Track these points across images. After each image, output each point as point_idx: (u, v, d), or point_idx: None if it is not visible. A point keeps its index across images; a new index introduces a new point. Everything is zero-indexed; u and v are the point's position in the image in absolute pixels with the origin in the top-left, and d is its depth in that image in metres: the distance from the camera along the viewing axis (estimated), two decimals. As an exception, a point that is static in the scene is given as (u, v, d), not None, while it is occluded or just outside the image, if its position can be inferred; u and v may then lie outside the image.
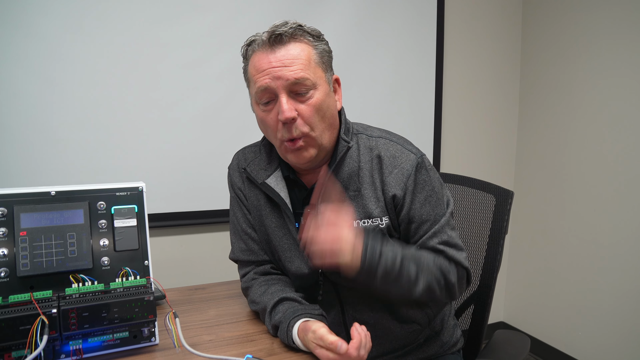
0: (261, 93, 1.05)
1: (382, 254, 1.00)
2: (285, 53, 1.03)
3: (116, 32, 1.85)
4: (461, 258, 1.11)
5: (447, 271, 1.08)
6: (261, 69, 1.04)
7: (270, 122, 1.07)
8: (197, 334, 1.09)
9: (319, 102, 1.05)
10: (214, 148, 2.04)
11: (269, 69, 1.03)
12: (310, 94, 1.04)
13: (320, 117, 1.06)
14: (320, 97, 1.05)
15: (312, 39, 1.07)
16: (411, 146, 1.15)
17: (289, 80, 1.02)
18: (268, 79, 1.03)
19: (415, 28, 2.40)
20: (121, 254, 0.99)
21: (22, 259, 0.90)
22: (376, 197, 1.10)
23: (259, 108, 1.09)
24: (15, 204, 0.92)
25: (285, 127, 1.04)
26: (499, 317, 2.91)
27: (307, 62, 1.04)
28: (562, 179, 2.50)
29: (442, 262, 1.08)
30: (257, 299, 1.15)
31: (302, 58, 1.03)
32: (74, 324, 0.89)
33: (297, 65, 1.02)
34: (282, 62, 1.02)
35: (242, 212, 1.23)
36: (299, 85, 1.03)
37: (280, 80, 1.02)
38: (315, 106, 1.04)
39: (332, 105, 1.10)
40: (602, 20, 2.26)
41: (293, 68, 1.02)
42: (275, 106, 1.05)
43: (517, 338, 1.31)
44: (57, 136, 1.81)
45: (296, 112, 1.03)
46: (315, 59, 1.06)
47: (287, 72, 1.02)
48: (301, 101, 1.04)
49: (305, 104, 1.04)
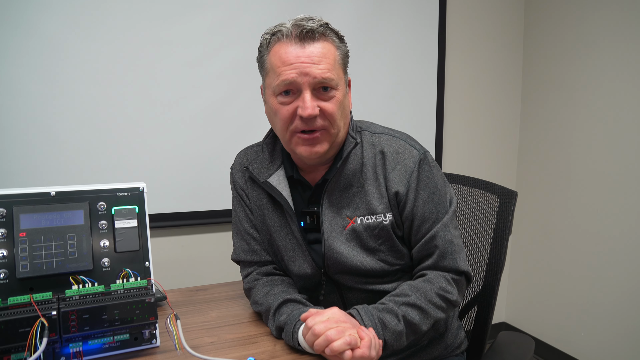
0: (284, 86, 1.04)
1: (385, 323, 0.99)
2: (314, 50, 1.03)
3: (117, 31, 1.84)
4: (460, 262, 1.11)
5: (447, 292, 1.08)
6: (288, 61, 1.03)
7: (285, 114, 1.06)
8: (198, 335, 1.08)
9: (339, 101, 1.06)
10: (216, 147, 2.03)
11: (296, 63, 1.02)
12: (332, 93, 1.05)
13: (339, 115, 1.07)
14: (340, 97, 1.06)
15: (338, 40, 1.09)
16: (414, 142, 1.14)
17: (316, 79, 1.02)
18: (295, 73, 1.02)
19: (417, 27, 2.39)
20: (122, 255, 0.98)
21: (21, 260, 0.89)
22: (379, 194, 1.09)
23: (276, 99, 1.07)
24: (15, 205, 0.91)
25: (305, 121, 1.04)
26: (501, 317, 2.90)
27: (333, 62, 1.05)
28: (564, 178, 2.48)
29: (441, 282, 1.08)
30: (260, 300, 1.13)
31: (329, 57, 1.04)
32: (74, 326, 0.88)
33: (325, 65, 1.03)
34: (311, 59, 1.02)
35: (244, 213, 1.22)
36: (324, 84, 1.03)
37: (307, 76, 1.02)
38: (337, 105, 1.05)
39: (347, 105, 1.11)
40: (605, 19, 2.25)
41: (321, 67, 1.02)
42: (294, 100, 1.04)
43: (521, 340, 1.30)
44: (57, 135, 1.80)
45: (318, 109, 1.03)
46: (338, 60, 1.07)
47: (315, 70, 1.02)
48: (323, 99, 1.04)
49: (329, 102, 1.05)
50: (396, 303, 1.03)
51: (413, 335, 1.04)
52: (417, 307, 1.03)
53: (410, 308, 1.03)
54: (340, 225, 1.11)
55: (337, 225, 1.11)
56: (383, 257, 1.12)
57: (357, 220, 1.10)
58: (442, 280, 1.08)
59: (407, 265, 1.16)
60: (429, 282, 1.08)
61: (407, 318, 1.02)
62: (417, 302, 1.04)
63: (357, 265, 1.10)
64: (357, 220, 1.10)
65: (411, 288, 1.06)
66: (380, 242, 1.11)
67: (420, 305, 1.04)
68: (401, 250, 1.13)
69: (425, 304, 1.04)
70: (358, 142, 1.11)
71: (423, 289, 1.06)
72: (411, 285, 1.08)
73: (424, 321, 1.04)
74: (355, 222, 1.10)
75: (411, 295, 1.04)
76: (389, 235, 1.10)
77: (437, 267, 1.11)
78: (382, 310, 1.01)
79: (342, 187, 1.11)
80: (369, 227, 1.10)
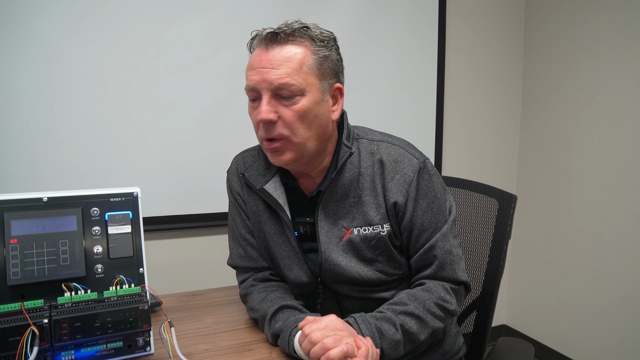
0: (248, 91, 1.04)
1: (382, 332, 0.98)
2: (276, 54, 1.00)
3: (113, 34, 1.83)
4: (459, 272, 1.09)
5: (446, 301, 1.06)
6: (252, 66, 1.03)
7: (254, 121, 1.06)
8: (193, 342, 1.06)
9: (303, 108, 1.01)
10: (212, 150, 2.02)
11: (258, 68, 1.01)
12: (295, 100, 1.00)
13: (305, 124, 1.02)
14: (305, 104, 1.01)
15: (314, 43, 1.02)
16: (414, 150, 1.12)
17: (272, 84, 0.99)
18: (255, 78, 1.01)
19: (416, 29, 2.38)
20: (115, 261, 0.96)
21: (12, 268, 0.87)
22: (377, 204, 1.07)
23: (249, 105, 1.07)
24: (6, 211, 0.89)
25: (264, 127, 1.02)
26: (501, 320, 2.88)
27: (297, 67, 0.99)
28: (564, 181, 2.47)
29: (440, 292, 1.07)
30: (256, 306, 1.12)
31: (292, 61, 1.00)
32: (66, 335, 0.86)
33: (284, 69, 0.99)
34: (271, 64, 0.99)
35: (240, 218, 1.21)
36: (282, 90, 1.00)
37: (265, 82, 1.00)
38: (299, 112, 1.01)
39: (323, 114, 1.04)
40: (605, 21, 2.24)
41: (279, 72, 0.99)
42: (258, 105, 1.03)
43: (520, 345, 1.28)
44: (53, 138, 1.79)
45: (276, 115, 1.01)
46: (309, 64, 1.01)
47: (272, 75, 0.99)
48: (285, 105, 1.01)
49: (289, 109, 1.01)
50: (394, 312, 1.02)
51: (411, 344, 1.03)
52: (415, 316, 1.02)
53: (409, 317, 1.02)
54: (336, 237, 1.09)
55: (334, 236, 1.09)
56: (380, 268, 1.10)
57: (354, 232, 1.08)
58: (441, 290, 1.07)
59: (405, 274, 1.14)
60: (427, 292, 1.06)
61: (405, 327, 1.00)
62: (415, 311, 1.02)
63: (354, 276, 1.08)
64: (354, 231, 1.08)
65: (409, 297, 1.05)
66: (378, 252, 1.09)
67: (418, 315, 1.02)
68: (399, 260, 1.11)
69: (424, 313, 1.03)
70: (353, 152, 1.08)
71: (421, 298, 1.04)
72: (410, 294, 1.06)
73: (422, 330, 1.03)
74: (352, 233, 1.08)
75: (409, 304, 1.03)
76: (386, 246, 1.09)
77: (436, 277, 1.09)
78: (379, 318, 1.00)
79: (339, 198, 1.09)
80: (366, 238, 1.08)
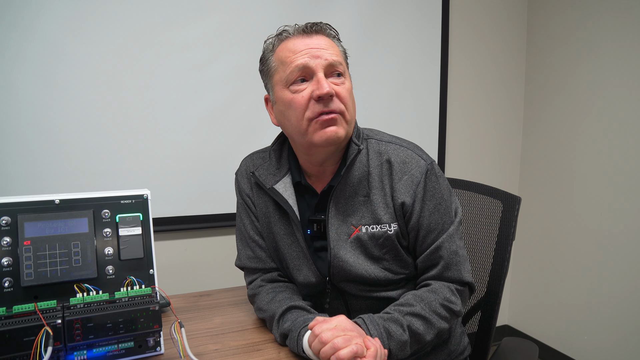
0: (297, 72, 1.04)
1: (390, 333, 0.99)
2: (322, 39, 1.08)
3: (119, 34, 1.84)
4: (464, 273, 1.11)
5: (451, 302, 1.08)
6: (298, 50, 1.05)
7: (301, 102, 1.04)
8: (202, 343, 1.08)
9: (350, 88, 1.09)
10: (219, 151, 2.03)
11: (307, 49, 1.05)
12: (343, 79, 1.08)
13: (352, 103, 1.09)
14: (349, 86, 1.09)
15: (339, 41, 1.13)
16: (421, 152, 1.14)
17: (327, 61, 1.04)
18: (307, 57, 1.04)
19: (420, 30, 2.39)
20: (126, 262, 0.98)
21: (26, 269, 0.89)
22: (385, 203, 1.09)
23: (288, 90, 1.06)
24: (19, 213, 0.91)
25: (322, 102, 1.03)
26: (504, 320, 2.89)
27: (339, 52, 1.10)
28: (567, 182, 2.48)
29: (445, 293, 1.08)
30: (264, 307, 1.13)
31: (335, 47, 1.09)
32: (79, 335, 0.88)
33: (334, 50, 1.07)
34: (320, 45, 1.06)
35: (249, 219, 1.22)
36: (335, 68, 1.05)
37: (319, 59, 1.04)
38: (349, 90, 1.08)
39: (355, 103, 1.13)
40: (608, 22, 2.24)
41: (330, 51, 1.06)
42: (308, 85, 1.05)
43: (525, 346, 1.29)
44: (59, 139, 1.80)
45: (334, 91, 1.04)
46: (342, 55, 1.12)
47: (325, 53, 1.05)
48: (336, 83, 1.06)
49: (341, 86, 1.06)
50: (401, 313, 1.03)
51: (417, 345, 1.04)
52: (422, 317, 1.03)
53: (415, 318, 1.03)
54: (345, 234, 1.11)
55: (343, 233, 1.11)
56: (387, 266, 1.12)
57: (362, 229, 1.10)
58: (446, 291, 1.08)
59: (411, 274, 1.16)
60: (433, 292, 1.07)
61: (412, 328, 1.02)
62: (421, 312, 1.03)
63: (362, 273, 1.10)
64: (362, 229, 1.10)
65: (415, 298, 1.06)
66: (385, 251, 1.11)
67: (424, 316, 1.03)
68: (406, 260, 1.13)
69: (430, 314, 1.04)
70: (361, 148, 1.10)
71: (427, 299, 1.06)
72: (415, 295, 1.08)
73: (428, 331, 1.04)
74: (360, 230, 1.10)
75: (416, 305, 1.04)
76: (393, 245, 1.10)
77: (441, 278, 1.11)
78: (387, 319, 1.01)
79: (348, 195, 1.11)
80: (373, 236, 1.10)
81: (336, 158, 1.13)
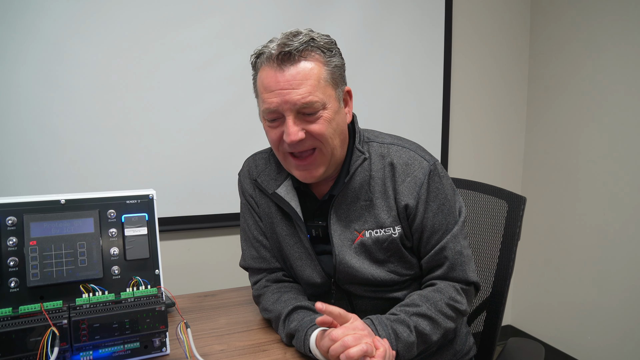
0: (269, 113, 1.03)
1: (398, 334, 0.99)
2: (294, 73, 0.99)
3: (122, 35, 1.84)
4: (469, 273, 1.11)
5: (457, 301, 1.08)
6: (269, 88, 1.01)
7: (274, 137, 1.06)
8: (208, 343, 1.07)
9: (329, 119, 1.02)
10: (223, 150, 2.03)
11: (277, 90, 1.00)
12: (318, 114, 1.01)
13: (330, 134, 1.03)
14: (329, 116, 1.02)
15: (324, 54, 1.03)
16: (424, 152, 1.13)
17: (296, 105, 0.99)
18: (276, 100, 1.00)
19: (422, 31, 2.38)
20: (132, 263, 0.98)
21: (32, 269, 0.89)
22: (388, 207, 1.09)
23: (265, 123, 1.07)
24: (25, 213, 0.91)
25: (293, 145, 1.02)
26: (507, 320, 2.89)
27: (316, 83, 1.00)
28: (569, 182, 2.47)
29: (451, 292, 1.08)
30: (269, 307, 1.13)
31: (311, 78, 0.99)
32: (85, 335, 0.88)
33: (306, 87, 0.99)
34: (290, 84, 0.99)
35: (253, 220, 1.22)
36: (307, 108, 1.00)
37: (287, 103, 0.99)
38: (325, 124, 1.02)
39: (342, 121, 1.08)
40: (611, 22, 2.24)
41: (301, 91, 0.98)
42: (280, 124, 1.03)
43: (531, 346, 1.29)
44: (62, 140, 1.80)
45: (303, 133, 1.01)
46: (325, 77, 1.02)
47: (295, 96, 0.98)
48: (309, 121, 1.02)
49: (315, 123, 1.02)
50: (407, 313, 1.03)
51: (423, 345, 1.04)
52: (428, 317, 1.03)
53: (421, 318, 1.03)
54: (349, 239, 1.10)
55: (346, 239, 1.10)
56: (392, 268, 1.11)
57: (366, 234, 1.09)
58: (452, 290, 1.08)
59: (417, 274, 1.15)
60: (438, 292, 1.07)
61: (419, 328, 1.01)
62: (427, 312, 1.03)
63: (368, 277, 1.09)
64: (366, 234, 1.09)
65: (421, 298, 1.06)
66: (390, 254, 1.10)
67: (430, 316, 1.03)
68: (410, 261, 1.13)
69: (436, 314, 1.04)
70: (367, 157, 1.09)
71: (433, 299, 1.06)
72: (421, 295, 1.07)
73: (435, 331, 1.04)
74: (364, 235, 1.09)
75: (422, 305, 1.04)
76: (397, 248, 1.10)
77: (446, 278, 1.11)
78: (394, 320, 1.01)
79: (350, 201, 1.10)
80: (377, 240, 1.09)
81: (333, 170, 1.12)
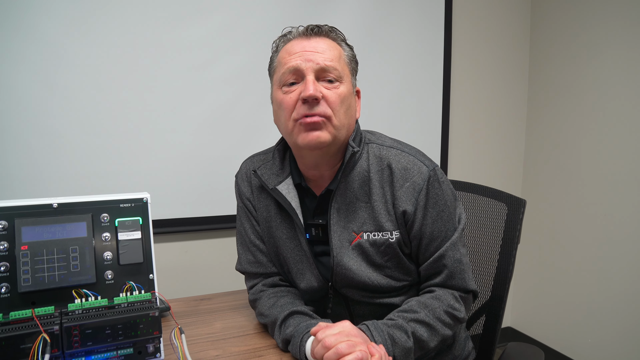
0: (289, 74, 1.04)
1: (395, 339, 0.98)
2: (320, 42, 1.06)
3: (120, 35, 1.83)
4: (468, 281, 1.10)
5: (455, 309, 1.07)
6: (293, 52, 1.05)
7: (289, 102, 1.04)
8: (203, 348, 1.06)
9: (343, 94, 1.05)
10: (221, 152, 2.02)
11: (301, 52, 1.04)
12: (336, 84, 1.05)
13: (343, 109, 1.05)
14: (345, 91, 1.06)
15: (344, 43, 1.11)
16: (424, 157, 1.11)
17: (319, 65, 1.03)
18: (299, 60, 1.03)
19: (422, 32, 2.37)
20: (125, 267, 0.96)
21: (23, 274, 0.87)
22: (387, 211, 1.07)
23: (281, 91, 1.06)
24: (16, 217, 0.89)
25: (306, 104, 1.02)
26: (506, 322, 2.88)
27: (338, 55, 1.07)
28: (570, 184, 2.46)
29: (449, 300, 1.07)
30: (265, 312, 1.12)
31: (334, 51, 1.06)
32: (77, 342, 0.86)
33: (329, 54, 1.05)
34: (315, 48, 1.04)
35: (250, 224, 1.20)
36: (327, 72, 1.03)
37: (310, 62, 1.03)
38: (341, 96, 1.04)
39: (353, 107, 1.10)
40: (612, 22, 2.23)
41: (325, 55, 1.04)
42: (298, 87, 1.04)
43: (530, 351, 1.27)
44: (59, 140, 1.78)
45: (321, 94, 1.02)
46: (344, 58, 1.09)
47: (319, 57, 1.03)
48: (327, 88, 1.04)
49: (332, 91, 1.04)
50: (405, 319, 1.01)
51: (420, 351, 1.03)
52: (426, 324, 1.02)
53: (419, 325, 1.01)
54: (346, 240, 1.09)
55: (345, 240, 1.09)
56: (389, 273, 1.10)
57: (364, 236, 1.08)
58: (450, 298, 1.07)
59: (414, 280, 1.14)
60: (437, 299, 1.06)
61: (416, 335, 1.00)
62: (425, 319, 1.02)
63: (364, 280, 1.08)
64: (364, 235, 1.08)
65: (419, 304, 1.05)
66: (387, 258, 1.09)
67: (428, 322, 1.02)
68: (408, 267, 1.11)
69: (434, 321, 1.03)
70: (356, 150, 1.07)
71: (431, 306, 1.04)
72: (419, 301, 1.06)
73: (432, 338, 1.02)
74: (362, 237, 1.08)
75: (420, 311, 1.03)
76: (395, 253, 1.08)
77: (445, 286, 1.09)
78: (391, 326, 1.00)
79: (349, 201, 1.09)
80: (375, 243, 1.08)
81: (332, 162, 1.11)
